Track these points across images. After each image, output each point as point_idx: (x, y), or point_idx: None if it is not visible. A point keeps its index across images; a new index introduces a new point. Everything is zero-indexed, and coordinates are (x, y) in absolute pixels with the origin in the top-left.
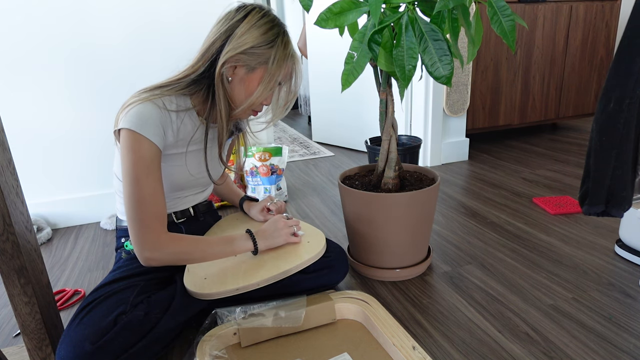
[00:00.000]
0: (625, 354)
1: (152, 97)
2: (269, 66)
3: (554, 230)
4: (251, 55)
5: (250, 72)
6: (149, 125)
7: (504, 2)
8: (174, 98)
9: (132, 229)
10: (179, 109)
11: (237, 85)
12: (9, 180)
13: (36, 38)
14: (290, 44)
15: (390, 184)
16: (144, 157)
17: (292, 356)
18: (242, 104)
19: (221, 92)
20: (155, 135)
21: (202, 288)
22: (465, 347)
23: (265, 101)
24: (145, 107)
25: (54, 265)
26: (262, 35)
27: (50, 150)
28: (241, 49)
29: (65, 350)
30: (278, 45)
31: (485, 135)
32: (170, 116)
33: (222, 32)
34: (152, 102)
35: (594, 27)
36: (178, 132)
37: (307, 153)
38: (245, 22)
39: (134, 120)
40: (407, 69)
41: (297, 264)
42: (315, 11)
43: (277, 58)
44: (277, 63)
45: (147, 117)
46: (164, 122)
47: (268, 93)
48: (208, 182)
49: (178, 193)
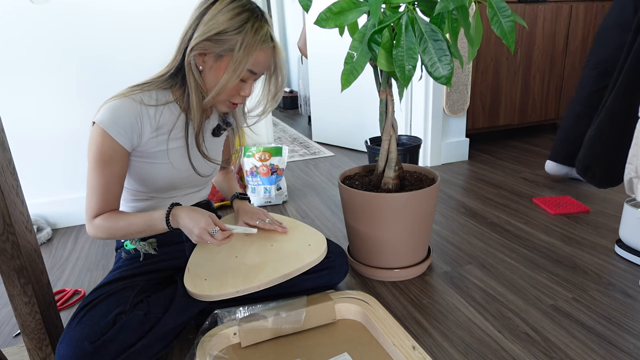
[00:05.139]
0: (625, 354)
1: (131, 93)
2: (235, 52)
3: (554, 230)
4: (217, 42)
5: (218, 59)
6: (117, 124)
7: (504, 3)
8: (154, 93)
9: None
10: (158, 103)
11: (208, 73)
12: (9, 180)
13: (36, 38)
14: (264, 31)
15: (390, 184)
16: (103, 152)
17: (292, 356)
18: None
19: (192, 81)
20: (121, 136)
21: (202, 289)
22: (465, 347)
23: (243, 91)
24: (120, 103)
25: (54, 265)
26: (229, 21)
27: (51, 150)
28: (207, 35)
29: (64, 350)
30: (247, 31)
31: (485, 135)
32: (148, 111)
33: (193, 19)
34: (129, 98)
35: (594, 27)
36: (157, 126)
37: (307, 153)
38: (214, 7)
39: (105, 117)
40: (407, 69)
41: (297, 267)
42: (315, 11)
43: (244, 44)
44: (245, 50)
45: (118, 116)
46: (140, 119)
47: (235, 81)
48: (202, 180)
49: (172, 192)
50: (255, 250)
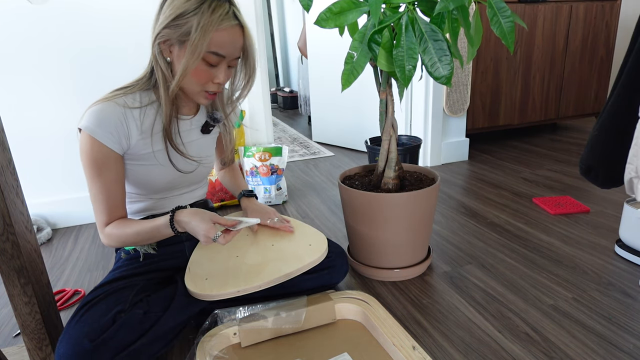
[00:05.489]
0: (625, 354)
1: (113, 97)
2: (192, 33)
3: (554, 230)
4: (176, 28)
5: (181, 47)
6: (103, 128)
7: (503, 3)
8: (137, 95)
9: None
10: (142, 105)
11: (176, 64)
12: (9, 180)
13: (36, 38)
14: (223, 9)
15: (390, 184)
16: (94, 158)
17: (292, 356)
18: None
19: (159, 73)
20: (108, 139)
21: (203, 289)
22: (465, 347)
23: (217, 78)
24: (103, 107)
25: (54, 265)
26: (185, 3)
27: (50, 150)
28: (166, 22)
29: (64, 348)
30: (203, 11)
31: (485, 135)
32: (133, 113)
33: (157, 10)
34: (112, 102)
35: (594, 27)
36: (143, 128)
37: (307, 153)
38: None
39: (89, 121)
40: (407, 69)
41: (298, 267)
42: (315, 11)
43: (201, 24)
44: (202, 29)
45: (102, 119)
46: (125, 121)
47: (194, 64)
48: (198, 178)
49: (167, 193)
50: (256, 250)
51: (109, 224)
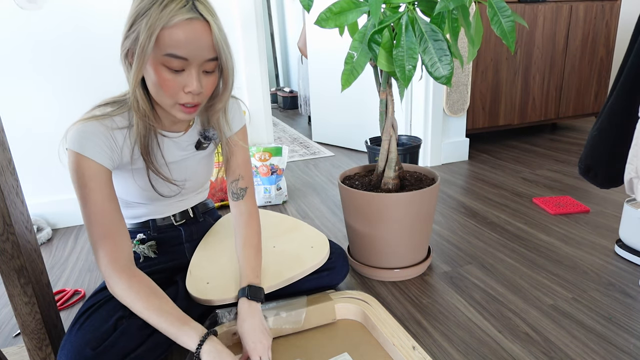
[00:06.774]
0: (625, 354)
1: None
2: (139, 36)
3: (554, 230)
4: (131, 36)
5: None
6: (89, 145)
7: (504, 3)
8: (126, 114)
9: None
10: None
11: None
12: (9, 180)
13: (37, 39)
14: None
15: (390, 184)
16: (84, 176)
17: (292, 356)
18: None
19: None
20: (97, 154)
21: (204, 294)
22: (465, 347)
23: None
24: (86, 123)
25: (54, 265)
26: (136, 7)
27: (51, 150)
28: (124, 33)
29: (66, 357)
30: (152, 12)
31: (485, 135)
32: (122, 133)
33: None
34: (99, 122)
35: (594, 27)
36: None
37: (307, 153)
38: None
39: (75, 139)
40: (407, 69)
41: (300, 271)
42: (315, 11)
43: (148, 24)
44: (148, 30)
45: (88, 136)
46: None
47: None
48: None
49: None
50: None
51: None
